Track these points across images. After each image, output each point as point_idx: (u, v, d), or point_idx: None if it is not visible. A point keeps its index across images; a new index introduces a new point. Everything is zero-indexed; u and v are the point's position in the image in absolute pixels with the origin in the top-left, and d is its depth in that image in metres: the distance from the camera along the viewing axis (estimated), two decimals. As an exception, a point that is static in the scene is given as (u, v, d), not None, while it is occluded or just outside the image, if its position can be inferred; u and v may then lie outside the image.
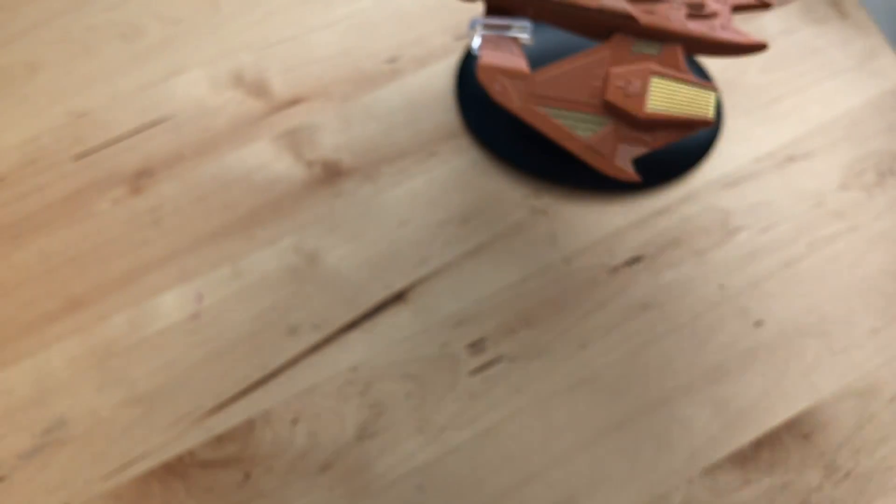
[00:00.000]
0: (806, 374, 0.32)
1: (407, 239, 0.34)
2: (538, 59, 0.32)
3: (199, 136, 0.36)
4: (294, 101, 0.36)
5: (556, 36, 0.34)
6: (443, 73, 0.37)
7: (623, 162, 0.29)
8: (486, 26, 0.30)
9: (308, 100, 0.36)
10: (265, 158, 0.35)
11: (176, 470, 0.30)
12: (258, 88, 0.37)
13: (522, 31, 0.30)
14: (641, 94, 0.28)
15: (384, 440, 0.30)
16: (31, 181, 0.35)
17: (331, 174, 0.35)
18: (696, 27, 0.29)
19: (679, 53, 0.29)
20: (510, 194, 0.34)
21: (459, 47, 0.38)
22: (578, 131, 0.29)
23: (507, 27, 0.30)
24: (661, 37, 0.29)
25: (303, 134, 0.36)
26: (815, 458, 0.31)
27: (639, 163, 0.31)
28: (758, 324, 0.33)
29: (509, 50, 0.29)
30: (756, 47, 0.30)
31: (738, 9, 0.31)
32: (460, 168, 0.35)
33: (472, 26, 0.30)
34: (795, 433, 0.31)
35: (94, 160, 0.35)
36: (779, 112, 0.37)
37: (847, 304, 0.27)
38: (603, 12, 0.28)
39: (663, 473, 0.30)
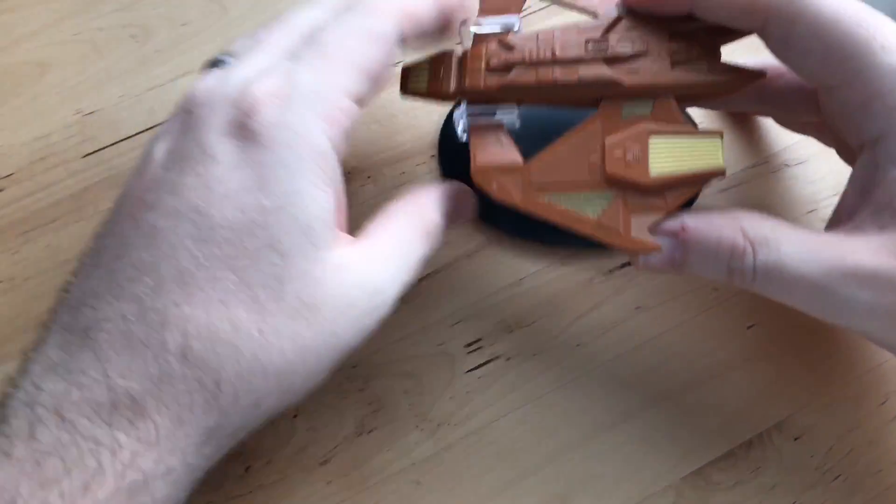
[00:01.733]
0: (797, 378, 0.33)
1: (407, 239, 0.34)
2: (523, 133, 0.30)
3: (205, 137, 0.36)
4: (298, 103, 0.37)
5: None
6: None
7: (640, 233, 0.26)
8: (474, 114, 0.29)
9: (312, 102, 0.37)
10: (269, 159, 0.36)
11: (178, 462, 0.31)
12: (263, 90, 0.37)
13: (509, 114, 0.29)
14: (643, 160, 0.26)
15: (382, 436, 0.31)
16: (40, 178, 0.35)
17: (333, 175, 0.36)
18: (685, 75, 0.27)
19: (673, 106, 0.27)
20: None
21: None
22: (587, 212, 0.26)
23: (493, 112, 0.28)
24: (650, 94, 0.27)
25: (307, 135, 0.37)
26: (805, 461, 0.31)
27: None
28: (750, 327, 0.33)
29: (498, 140, 0.28)
30: (754, 76, 0.27)
31: (723, 41, 0.28)
32: (461, 170, 0.36)
33: (458, 113, 0.30)
34: (786, 435, 0.32)
35: (102, 158, 0.36)
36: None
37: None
38: (585, 84, 0.27)
39: (655, 473, 0.31)
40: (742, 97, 0.30)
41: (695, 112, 0.36)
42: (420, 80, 0.29)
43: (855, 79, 0.24)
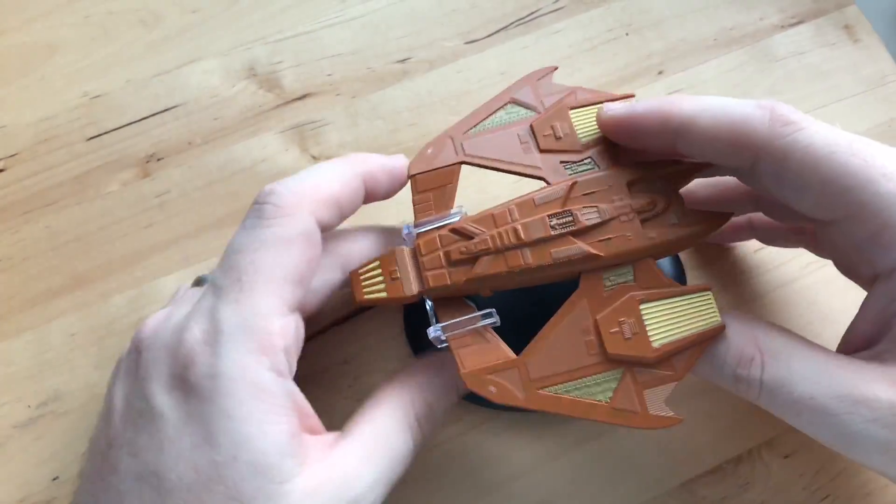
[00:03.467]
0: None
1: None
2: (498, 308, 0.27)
3: (209, 125, 0.36)
4: (303, 96, 0.37)
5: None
6: (451, 77, 0.38)
7: (657, 408, 0.24)
8: (449, 328, 0.26)
9: (317, 95, 0.37)
10: (272, 150, 0.36)
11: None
12: (270, 81, 0.37)
13: (489, 318, 0.26)
14: (642, 332, 0.25)
15: (369, 433, 0.31)
16: (43, 159, 0.36)
17: (335, 169, 0.36)
18: (658, 234, 0.25)
19: (653, 267, 0.25)
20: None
21: (469, 51, 0.38)
22: (597, 397, 0.24)
23: (473, 321, 0.26)
24: (628, 260, 0.25)
25: (310, 128, 0.37)
26: (793, 479, 0.31)
27: None
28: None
29: (482, 337, 0.25)
30: (722, 218, 0.26)
31: (683, 184, 0.27)
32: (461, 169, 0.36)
33: (432, 335, 0.26)
34: (776, 453, 0.31)
35: (106, 142, 0.36)
36: (781, 133, 0.37)
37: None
38: (560, 264, 0.25)
39: (641, 484, 0.31)
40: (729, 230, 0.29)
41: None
42: (376, 286, 0.26)
43: (860, 211, 0.23)
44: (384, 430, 0.25)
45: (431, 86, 0.37)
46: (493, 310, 0.26)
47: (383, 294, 0.26)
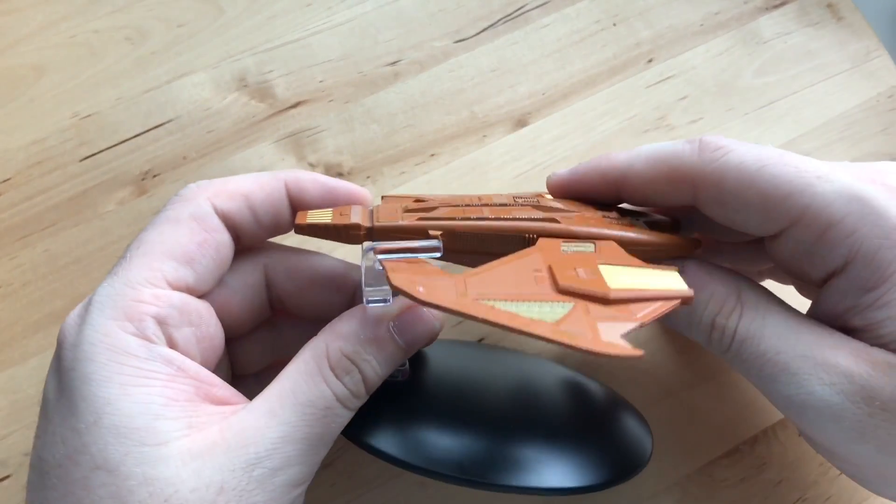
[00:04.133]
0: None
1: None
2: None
3: (203, 138, 0.36)
4: (296, 104, 0.37)
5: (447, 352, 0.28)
6: (443, 77, 0.38)
7: (612, 336, 0.19)
8: (385, 251, 0.23)
9: (310, 102, 0.37)
10: (269, 160, 0.36)
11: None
12: (261, 91, 0.37)
13: (433, 251, 0.23)
14: (598, 277, 0.22)
15: (385, 437, 0.31)
16: (37, 182, 0.35)
17: (332, 176, 0.36)
18: (620, 229, 0.25)
19: (616, 247, 0.24)
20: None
21: (459, 50, 0.38)
22: (543, 318, 0.20)
23: (413, 249, 0.23)
24: (588, 238, 0.24)
25: (305, 136, 0.36)
26: (810, 457, 0.31)
27: None
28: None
29: (422, 266, 0.22)
30: (692, 245, 0.26)
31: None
32: (460, 170, 0.36)
33: (366, 252, 0.23)
34: (791, 431, 0.32)
35: (99, 161, 0.36)
36: (774, 114, 0.38)
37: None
38: (518, 221, 0.24)
39: (660, 471, 0.31)
40: None
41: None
42: (323, 215, 0.25)
43: (803, 215, 0.23)
44: (294, 383, 0.23)
45: (424, 87, 0.37)
46: (439, 240, 0.23)
47: (327, 220, 0.24)
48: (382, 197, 0.28)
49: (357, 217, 0.24)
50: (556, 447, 0.26)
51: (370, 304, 0.23)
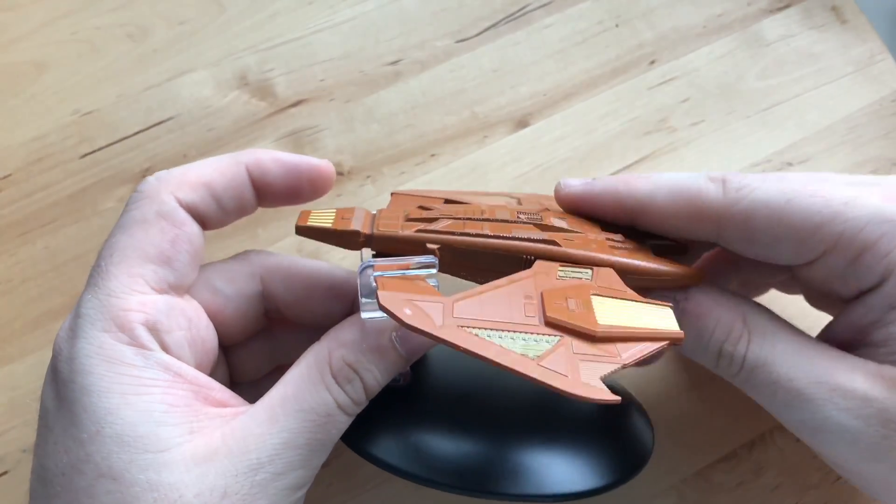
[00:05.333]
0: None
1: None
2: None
3: (203, 136, 0.36)
4: (297, 103, 0.37)
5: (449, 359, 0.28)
6: (445, 76, 0.38)
7: (591, 378, 0.20)
8: (382, 268, 0.23)
9: (311, 101, 0.37)
10: (268, 159, 0.36)
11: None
12: (262, 89, 0.37)
13: (428, 268, 0.23)
14: (588, 311, 0.22)
15: (382, 438, 0.31)
16: (37, 179, 0.35)
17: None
18: (622, 255, 0.24)
19: (614, 275, 0.23)
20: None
21: (460, 50, 0.38)
22: (525, 352, 0.20)
23: (408, 266, 0.23)
24: (587, 263, 0.24)
25: (305, 135, 0.36)
26: (807, 461, 0.31)
27: None
28: (753, 327, 0.33)
29: (415, 283, 0.22)
30: (696, 277, 0.25)
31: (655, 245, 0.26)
32: (460, 170, 0.36)
33: (362, 270, 0.23)
34: (789, 436, 0.31)
35: (100, 159, 0.36)
36: (776, 117, 0.37)
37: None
38: (518, 243, 0.24)
39: (657, 474, 0.31)
40: None
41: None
42: (324, 218, 0.25)
43: (836, 244, 0.23)
44: (296, 388, 0.23)
45: (425, 86, 0.37)
46: (434, 257, 0.23)
47: (328, 223, 0.24)
48: (392, 193, 0.28)
49: (358, 223, 0.24)
50: (559, 451, 0.26)
51: (366, 317, 0.23)
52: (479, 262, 0.24)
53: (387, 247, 0.24)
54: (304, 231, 0.24)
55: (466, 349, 0.20)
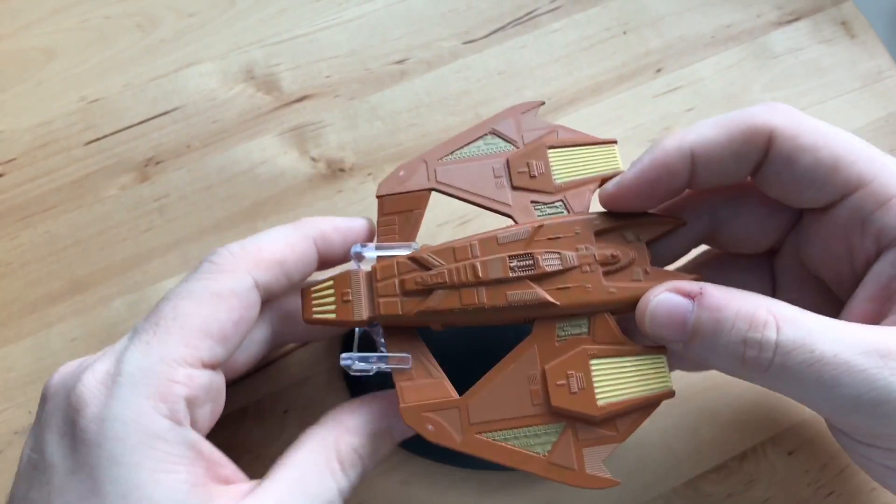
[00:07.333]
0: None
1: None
2: (446, 349, 0.27)
3: (207, 128, 0.36)
4: (302, 98, 0.37)
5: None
6: (450, 77, 0.38)
7: (595, 468, 0.24)
8: (364, 360, 0.25)
9: (316, 97, 0.37)
10: (271, 153, 0.36)
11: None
12: (268, 83, 0.37)
13: (402, 363, 0.25)
14: (588, 388, 0.24)
15: (372, 435, 0.31)
16: (41, 164, 0.36)
17: (334, 171, 0.36)
18: (619, 288, 0.25)
19: (609, 322, 0.25)
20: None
21: (467, 51, 0.38)
22: (535, 449, 0.24)
23: (383, 360, 0.25)
24: (584, 311, 0.25)
25: (309, 130, 0.36)
26: (799, 475, 0.31)
27: None
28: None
29: (425, 368, 0.25)
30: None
31: (652, 240, 0.26)
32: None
33: (342, 363, 0.26)
34: (781, 449, 0.31)
35: (104, 146, 0.36)
36: (780, 130, 0.37)
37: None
38: (515, 308, 0.25)
39: (646, 482, 0.31)
40: None
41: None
42: (325, 306, 0.25)
43: (871, 181, 0.24)
44: (302, 473, 0.24)
45: (430, 86, 0.37)
46: (409, 355, 0.25)
47: (332, 315, 0.25)
48: (378, 198, 0.27)
49: (359, 305, 0.25)
50: None
51: (357, 368, 0.26)
52: (476, 322, 0.26)
53: (392, 323, 0.26)
54: (312, 323, 0.25)
55: (486, 458, 0.24)
